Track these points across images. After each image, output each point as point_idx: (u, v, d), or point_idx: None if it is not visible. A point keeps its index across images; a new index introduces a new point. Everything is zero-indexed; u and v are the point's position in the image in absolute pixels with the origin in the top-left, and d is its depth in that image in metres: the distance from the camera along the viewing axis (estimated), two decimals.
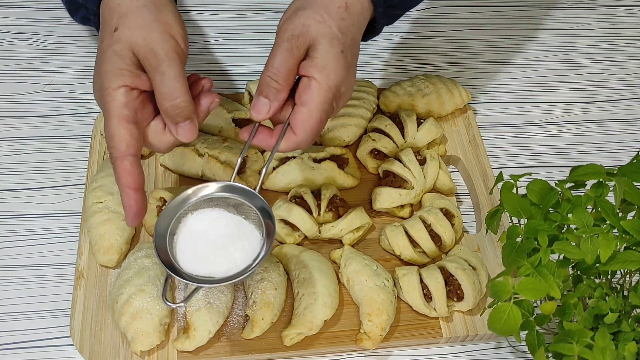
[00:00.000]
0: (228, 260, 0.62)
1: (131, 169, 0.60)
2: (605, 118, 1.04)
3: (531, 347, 0.60)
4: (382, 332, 0.73)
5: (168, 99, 0.60)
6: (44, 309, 0.77)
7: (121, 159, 0.60)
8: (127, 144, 0.60)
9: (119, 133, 0.60)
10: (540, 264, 0.57)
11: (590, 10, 1.19)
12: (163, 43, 0.60)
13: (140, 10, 0.61)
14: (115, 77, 0.60)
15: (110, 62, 0.60)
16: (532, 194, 0.62)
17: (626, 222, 0.58)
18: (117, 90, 0.60)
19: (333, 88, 0.62)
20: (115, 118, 0.60)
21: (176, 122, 0.61)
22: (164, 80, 0.59)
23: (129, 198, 0.61)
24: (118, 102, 0.60)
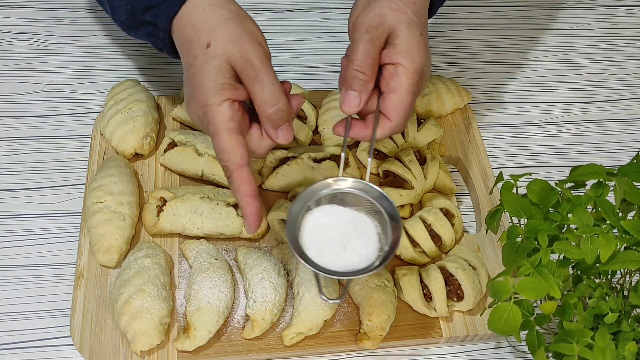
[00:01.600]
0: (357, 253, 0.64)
1: (248, 178, 0.62)
2: (605, 118, 1.04)
3: (531, 346, 0.60)
4: (382, 332, 0.73)
5: (270, 104, 0.62)
6: (44, 309, 0.77)
7: (238, 170, 0.62)
8: (241, 155, 0.62)
9: (231, 146, 0.61)
10: (540, 263, 0.57)
11: (590, 10, 1.19)
12: (256, 52, 0.62)
13: (227, 23, 0.62)
14: (217, 92, 0.61)
15: (210, 78, 0.61)
16: (532, 194, 0.62)
17: (626, 222, 0.58)
18: (222, 105, 0.61)
19: (418, 70, 0.64)
20: (226, 132, 0.61)
21: (277, 126, 0.63)
22: (264, 87, 0.61)
23: (250, 206, 0.62)
24: (224, 116, 0.61)
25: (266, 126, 0.64)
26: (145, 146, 0.87)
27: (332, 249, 0.63)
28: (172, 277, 0.78)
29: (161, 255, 0.77)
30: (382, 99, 0.65)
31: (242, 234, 0.81)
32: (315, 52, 1.07)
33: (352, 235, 0.65)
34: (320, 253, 0.63)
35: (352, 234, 0.65)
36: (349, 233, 0.65)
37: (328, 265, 0.62)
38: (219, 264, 0.76)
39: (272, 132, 0.64)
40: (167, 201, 0.80)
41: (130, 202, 0.80)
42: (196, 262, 0.76)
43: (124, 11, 0.70)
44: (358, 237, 0.64)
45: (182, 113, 0.90)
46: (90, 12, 1.10)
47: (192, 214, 0.79)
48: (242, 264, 0.78)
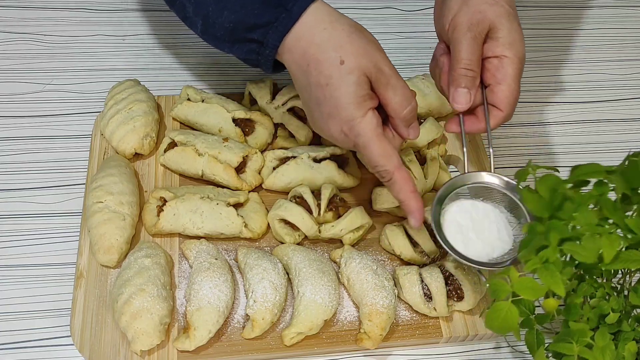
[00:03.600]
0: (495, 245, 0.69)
1: (408, 176, 0.68)
2: (605, 118, 1.04)
3: (530, 345, 0.60)
4: (382, 332, 0.73)
5: (404, 106, 0.66)
6: (44, 309, 0.77)
7: (399, 170, 0.67)
8: (397, 156, 0.67)
9: (387, 150, 0.66)
10: (548, 261, 0.57)
11: (590, 10, 1.19)
12: (384, 60, 0.66)
13: (352, 37, 0.65)
14: (360, 104, 0.65)
15: (350, 93, 0.64)
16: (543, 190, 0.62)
17: (631, 220, 0.57)
18: (367, 115, 0.65)
19: (522, 59, 0.69)
20: (377, 139, 0.66)
21: (410, 125, 0.69)
22: (397, 91, 0.66)
23: (417, 201, 0.67)
24: (372, 124, 0.65)
25: (399, 126, 0.68)
26: (145, 146, 0.87)
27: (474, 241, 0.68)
28: (172, 277, 0.78)
29: (161, 255, 0.77)
30: (490, 91, 0.70)
31: (242, 234, 0.81)
32: None
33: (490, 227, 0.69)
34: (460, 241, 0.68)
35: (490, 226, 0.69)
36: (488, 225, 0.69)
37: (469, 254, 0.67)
38: (219, 264, 0.76)
39: (404, 130, 0.69)
40: (167, 201, 0.80)
41: (130, 202, 0.80)
42: (196, 262, 0.76)
43: (225, 27, 0.70)
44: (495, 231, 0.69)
45: (182, 113, 0.90)
46: (90, 12, 1.10)
47: (192, 214, 0.79)
48: (242, 264, 0.78)
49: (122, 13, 1.10)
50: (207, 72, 1.03)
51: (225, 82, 1.02)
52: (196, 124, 0.90)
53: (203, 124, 0.89)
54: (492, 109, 0.71)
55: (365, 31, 0.68)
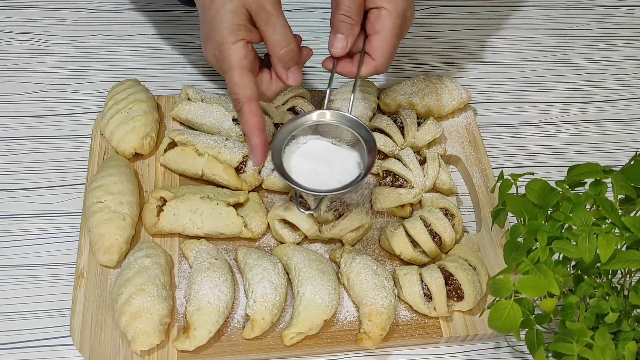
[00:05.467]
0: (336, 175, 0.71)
1: (257, 111, 0.68)
2: (605, 118, 1.04)
3: (530, 345, 0.60)
4: (382, 332, 0.73)
5: (282, 45, 0.67)
6: (44, 309, 0.77)
7: (248, 102, 0.68)
8: (252, 90, 0.68)
9: (243, 80, 0.67)
10: (539, 261, 0.57)
11: (590, 10, 1.19)
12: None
13: None
14: (233, 32, 0.67)
15: (227, 19, 0.67)
16: (532, 194, 0.62)
17: (627, 219, 0.57)
18: (236, 44, 0.67)
19: (401, 14, 0.70)
20: (238, 68, 0.67)
21: (288, 67, 0.69)
22: (276, 29, 0.67)
23: (257, 138, 0.68)
24: (239, 53, 0.67)
25: (277, 68, 0.70)
26: (145, 146, 0.87)
27: (313, 173, 0.71)
28: (172, 277, 0.78)
29: (161, 255, 0.77)
30: (367, 40, 0.71)
31: (242, 234, 0.81)
32: (316, 52, 1.07)
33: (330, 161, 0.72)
34: (302, 175, 0.71)
35: (331, 160, 0.72)
36: (329, 159, 0.72)
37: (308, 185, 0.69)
38: (219, 264, 0.76)
39: (282, 73, 0.70)
40: (167, 201, 0.80)
41: (130, 201, 0.80)
42: (196, 262, 0.76)
43: None
44: (335, 163, 0.72)
45: (182, 113, 0.90)
46: (90, 12, 1.10)
47: (192, 214, 0.79)
48: (242, 264, 0.78)
49: (122, 13, 1.10)
50: (207, 72, 1.03)
51: (225, 82, 1.02)
52: (196, 124, 0.90)
53: (203, 124, 0.89)
54: (367, 57, 0.72)
55: None
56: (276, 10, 0.67)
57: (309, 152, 0.74)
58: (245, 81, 0.67)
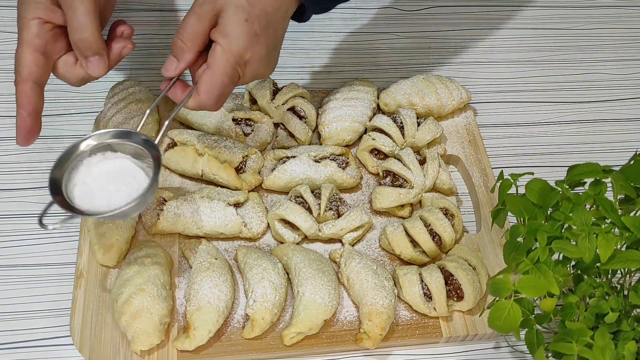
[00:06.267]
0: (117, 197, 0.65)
1: (29, 93, 0.66)
2: (605, 118, 1.04)
3: (530, 345, 0.60)
4: (382, 332, 0.73)
5: (78, 32, 0.64)
6: (44, 309, 0.77)
7: (22, 82, 0.65)
8: (30, 71, 0.65)
9: (24, 59, 0.65)
10: (539, 261, 0.57)
11: (588, 10, 1.19)
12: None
13: None
14: (31, 9, 0.65)
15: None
16: (532, 194, 0.62)
17: (627, 219, 0.58)
18: (32, 21, 0.65)
19: (236, 54, 0.66)
20: (25, 45, 0.65)
21: (85, 56, 0.66)
22: (75, 14, 0.63)
23: (21, 119, 0.67)
24: (31, 31, 0.65)
25: (77, 54, 0.66)
26: None
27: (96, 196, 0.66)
28: (172, 277, 0.78)
29: (161, 255, 0.77)
30: (200, 72, 0.68)
31: (242, 234, 0.81)
32: (315, 52, 1.07)
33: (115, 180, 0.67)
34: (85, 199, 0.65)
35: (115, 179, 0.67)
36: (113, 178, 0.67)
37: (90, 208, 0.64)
38: (219, 264, 0.76)
39: (82, 61, 0.66)
40: (167, 201, 0.80)
41: None
42: (196, 261, 0.76)
43: None
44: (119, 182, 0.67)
45: (182, 113, 0.90)
46: None
47: (192, 214, 0.79)
48: (242, 264, 0.78)
49: (122, 13, 1.10)
50: None
51: None
52: (196, 124, 0.90)
53: (203, 123, 0.89)
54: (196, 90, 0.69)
55: None
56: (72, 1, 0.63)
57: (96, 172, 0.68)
58: (25, 60, 0.65)
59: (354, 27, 1.11)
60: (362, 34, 1.10)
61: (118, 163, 0.68)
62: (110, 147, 0.68)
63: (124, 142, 0.68)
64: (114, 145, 0.68)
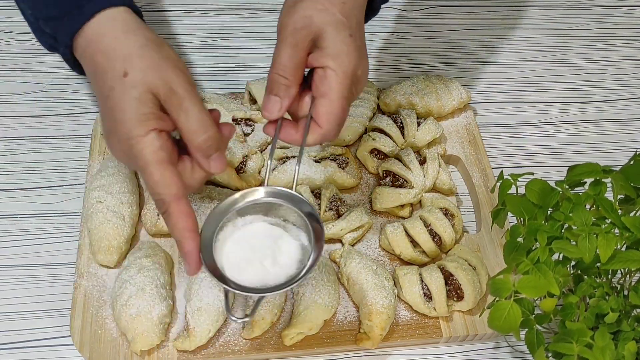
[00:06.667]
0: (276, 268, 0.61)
1: (187, 211, 0.58)
2: (605, 118, 1.04)
3: (530, 345, 0.60)
4: (382, 332, 0.73)
5: (198, 134, 0.58)
6: (44, 309, 0.77)
7: (176, 202, 0.58)
8: (177, 186, 0.58)
9: (164, 177, 0.57)
10: (539, 261, 0.57)
11: (589, 10, 1.19)
12: (179, 79, 0.58)
13: (143, 50, 0.58)
14: (141, 123, 0.57)
15: (131, 109, 0.57)
16: (532, 194, 0.62)
17: (627, 219, 0.57)
18: (148, 136, 0.57)
19: (349, 74, 0.61)
20: (156, 164, 0.57)
21: (208, 156, 0.60)
22: (190, 116, 0.58)
23: (190, 242, 0.58)
24: (153, 147, 0.57)
25: (197, 156, 0.60)
26: None
27: (249, 265, 0.61)
28: (172, 277, 0.78)
29: (161, 255, 0.77)
30: (314, 104, 0.62)
31: None
32: None
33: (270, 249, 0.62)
34: (237, 269, 0.61)
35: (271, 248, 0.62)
36: (268, 247, 0.62)
37: (244, 282, 0.60)
38: None
39: (204, 162, 0.60)
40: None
41: (130, 201, 0.80)
42: None
43: (28, 14, 0.66)
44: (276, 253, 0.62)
45: None
46: None
47: None
48: None
49: None
50: (207, 72, 1.03)
51: (225, 82, 1.02)
52: None
53: None
54: (313, 123, 0.62)
55: (166, 47, 0.60)
56: (188, 93, 0.58)
57: (246, 237, 0.63)
58: (167, 178, 0.57)
59: None
60: None
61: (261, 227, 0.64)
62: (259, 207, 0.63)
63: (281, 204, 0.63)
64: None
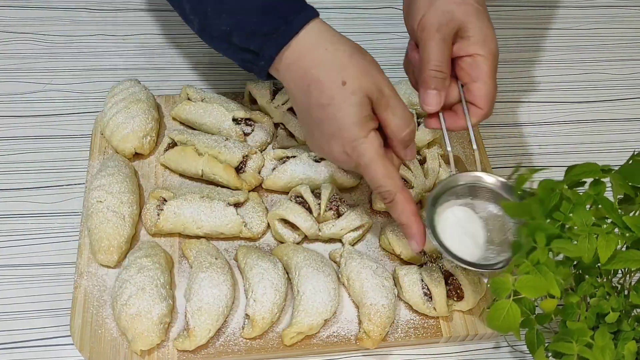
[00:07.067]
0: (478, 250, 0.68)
1: (410, 197, 0.67)
2: (603, 118, 1.04)
3: (530, 345, 0.60)
4: (382, 332, 0.73)
5: (403, 128, 0.66)
6: (44, 309, 0.77)
7: (402, 192, 0.66)
8: (398, 177, 0.67)
9: (390, 171, 0.66)
10: (539, 262, 0.57)
11: (587, 10, 1.19)
12: (385, 81, 0.66)
13: (354, 58, 0.65)
14: (363, 125, 0.64)
15: (353, 114, 0.64)
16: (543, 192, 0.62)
17: (628, 218, 0.58)
18: (369, 136, 0.65)
19: (496, 55, 0.69)
20: (380, 160, 0.65)
21: (407, 146, 0.68)
22: (396, 113, 0.66)
23: (418, 225, 0.67)
24: (375, 145, 0.65)
25: (397, 148, 0.68)
26: (145, 146, 0.87)
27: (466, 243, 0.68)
28: (172, 277, 0.78)
29: (161, 254, 0.77)
30: (467, 89, 0.70)
31: (242, 234, 0.81)
32: None
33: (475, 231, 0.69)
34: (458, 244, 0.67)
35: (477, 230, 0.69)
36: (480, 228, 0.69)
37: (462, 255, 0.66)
38: (219, 264, 0.76)
39: (402, 152, 0.68)
40: (167, 201, 0.80)
41: (130, 201, 0.80)
42: (196, 261, 0.76)
43: (222, 30, 0.69)
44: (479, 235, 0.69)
45: (182, 113, 0.90)
46: (90, 12, 1.10)
47: (192, 214, 0.79)
48: (242, 264, 0.78)
49: (122, 13, 1.10)
50: (207, 72, 1.03)
51: (225, 82, 1.02)
52: (196, 124, 0.90)
53: (203, 123, 0.89)
54: (470, 106, 0.71)
55: (366, 53, 0.67)
56: (393, 93, 0.66)
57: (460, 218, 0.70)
58: (390, 171, 0.66)
59: (354, 27, 1.11)
60: (362, 34, 1.10)
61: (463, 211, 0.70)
62: None
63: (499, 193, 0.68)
64: None
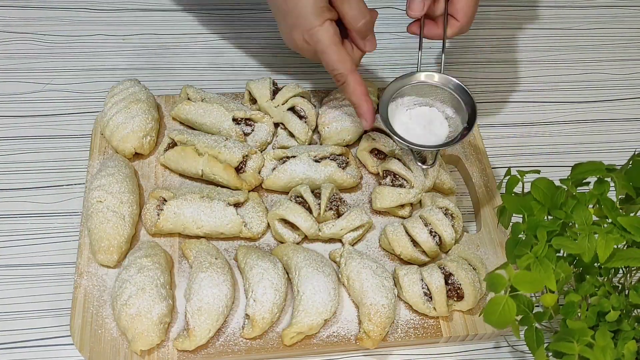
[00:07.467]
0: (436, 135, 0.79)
1: (361, 80, 0.75)
2: (603, 117, 1.04)
3: (530, 342, 0.60)
4: (382, 332, 0.73)
5: (359, 19, 0.73)
6: (44, 309, 0.78)
7: (353, 73, 0.74)
8: (350, 61, 0.74)
9: (341, 55, 0.73)
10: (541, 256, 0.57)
11: (588, 10, 1.20)
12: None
13: None
14: (319, 14, 0.72)
15: (310, 5, 0.72)
16: (537, 192, 0.62)
17: (624, 219, 0.57)
18: (324, 25, 0.72)
19: None
20: (334, 45, 0.73)
21: (365, 37, 0.76)
22: (352, 5, 0.73)
23: (367, 103, 0.75)
24: (330, 32, 0.73)
25: (356, 39, 0.76)
26: (145, 146, 0.87)
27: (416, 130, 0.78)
28: (172, 277, 0.78)
29: (161, 254, 0.77)
30: (450, 2, 0.77)
31: (242, 234, 0.81)
32: None
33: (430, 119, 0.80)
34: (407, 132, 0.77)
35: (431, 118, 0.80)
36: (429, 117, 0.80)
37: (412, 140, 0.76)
38: (219, 264, 0.76)
39: (361, 43, 0.77)
40: (167, 201, 0.80)
41: (130, 201, 0.80)
42: (196, 261, 0.76)
43: None
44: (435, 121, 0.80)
45: (182, 113, 0.90)
46: (90, 12, 1.10)
47: (192, 214, 0.79)
48: (242, 264, 0.78)
49: (122, 13, 1.10)
50: (207, 72, 1.03)
51: (225, 82, 1.02)
52: (196, 124, 0.90)
53: (203, 123, 0.89)
54: (450, 19, 0.78)
55: None
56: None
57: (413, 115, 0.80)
58: (343, 55, 0.73)
59: None
60: None
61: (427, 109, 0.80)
62: None
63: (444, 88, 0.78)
64: None
